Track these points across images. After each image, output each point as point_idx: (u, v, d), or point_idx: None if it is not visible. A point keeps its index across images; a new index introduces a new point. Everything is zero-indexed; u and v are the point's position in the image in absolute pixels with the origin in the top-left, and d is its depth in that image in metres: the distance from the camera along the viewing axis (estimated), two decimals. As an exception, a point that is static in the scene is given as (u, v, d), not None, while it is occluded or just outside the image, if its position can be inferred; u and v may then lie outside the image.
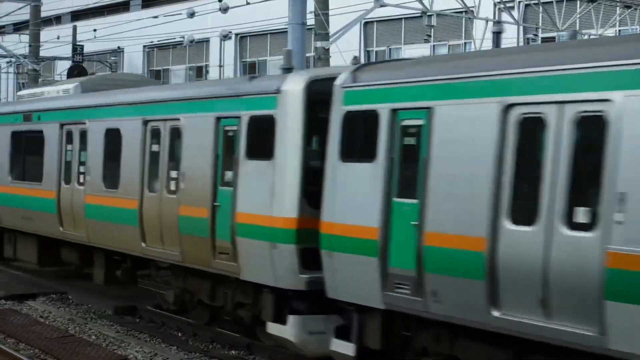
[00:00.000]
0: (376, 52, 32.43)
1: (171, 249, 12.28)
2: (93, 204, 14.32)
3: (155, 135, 12.96)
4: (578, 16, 24.48)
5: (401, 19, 30.36)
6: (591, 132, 7.28)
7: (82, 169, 14.83)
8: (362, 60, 31.35)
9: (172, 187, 12.35)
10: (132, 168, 13.29)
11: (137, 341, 12.05)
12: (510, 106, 7.93)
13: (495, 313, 7.91)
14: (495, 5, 25.79)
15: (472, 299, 8.04)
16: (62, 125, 15.57)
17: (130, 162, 13.35)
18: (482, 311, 7.98)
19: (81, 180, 14.82)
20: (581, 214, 7.27)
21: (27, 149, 16.86)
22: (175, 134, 12.47)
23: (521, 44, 26.53)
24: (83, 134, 14.95)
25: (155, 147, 12.92)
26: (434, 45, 29.30)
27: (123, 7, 43.67)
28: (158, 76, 41.05)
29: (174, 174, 12.35)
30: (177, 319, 13.13)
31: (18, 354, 10.86)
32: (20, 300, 14.81)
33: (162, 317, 13.41)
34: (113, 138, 13.99)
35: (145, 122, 13.09)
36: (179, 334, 12.65)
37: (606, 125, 7.10)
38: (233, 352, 11.56)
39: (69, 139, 15.44)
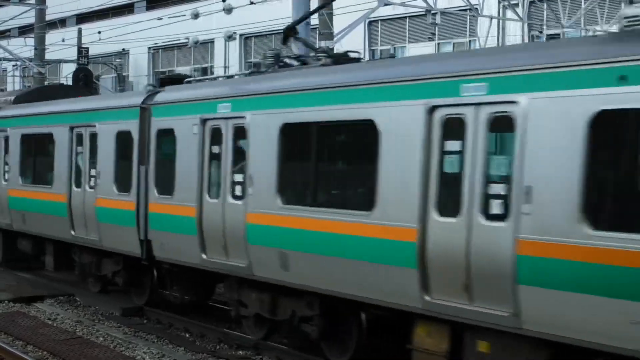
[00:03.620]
0: (380, 50, 32.41)
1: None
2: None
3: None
4: (583, 12, 24.42)
5: (405, 17, 30.36)
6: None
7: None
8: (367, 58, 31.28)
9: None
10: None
11: (145, 342, 12.07)
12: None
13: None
14: (499, 2, 25.78)
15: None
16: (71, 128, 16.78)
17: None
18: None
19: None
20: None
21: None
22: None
23: (526, 40, 26.47)
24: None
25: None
26: (438, 44, 29.27)
27: (128, 9, 43.77)
28: (163, 77, 41.02)
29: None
30: (185, 320, 13.16)
31: (26, 356, 10.89)
32: (28, 303, 14.85)
33: (169, 318, 13.44)
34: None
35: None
36: (187, 335, 12.67)
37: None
38: (240, 352, 11.57)
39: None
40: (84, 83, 30.34)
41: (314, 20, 18.09)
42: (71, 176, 15.20)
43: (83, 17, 44.22)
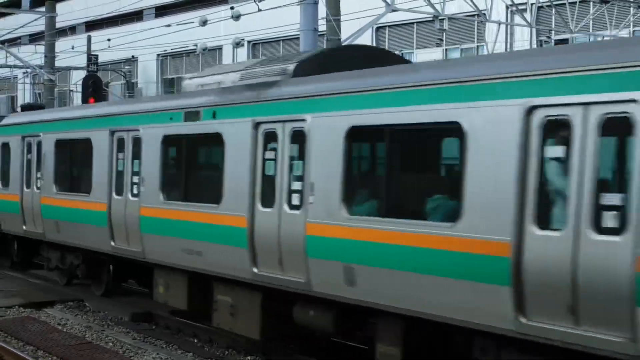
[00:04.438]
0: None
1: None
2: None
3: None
4: (591, 17, 24.41)
5: (413, 23, 30.40)
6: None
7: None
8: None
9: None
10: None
11: (154, 347, 12.13)
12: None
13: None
14: (507, 7, 25.78)
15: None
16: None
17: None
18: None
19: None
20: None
21: None
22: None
23: (534, 46, 26.47)
24: None
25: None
26: (446, 49, 29.29)
27: (136, 17, 43.96)
28: (172, 84, 41.26)
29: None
30: (193, 325, 13.21)
31: (36, 362, 10.96)
32: (39, 308, 14.94)
33: (178, 323, 13.49)
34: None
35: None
36: (195, 340, 12.72)
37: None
38: (249, 357, 11.61)
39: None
40: (93, 90, 30.46)
41: (322, 26, 18.15)
42: (523, 210, 7.42)
43: (92, 25, 44.43)
